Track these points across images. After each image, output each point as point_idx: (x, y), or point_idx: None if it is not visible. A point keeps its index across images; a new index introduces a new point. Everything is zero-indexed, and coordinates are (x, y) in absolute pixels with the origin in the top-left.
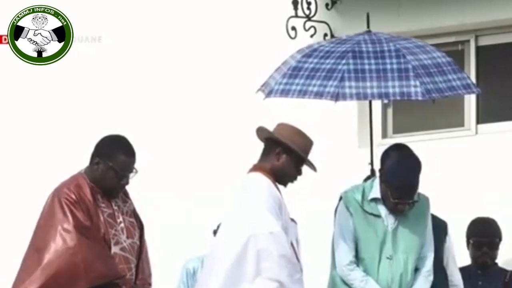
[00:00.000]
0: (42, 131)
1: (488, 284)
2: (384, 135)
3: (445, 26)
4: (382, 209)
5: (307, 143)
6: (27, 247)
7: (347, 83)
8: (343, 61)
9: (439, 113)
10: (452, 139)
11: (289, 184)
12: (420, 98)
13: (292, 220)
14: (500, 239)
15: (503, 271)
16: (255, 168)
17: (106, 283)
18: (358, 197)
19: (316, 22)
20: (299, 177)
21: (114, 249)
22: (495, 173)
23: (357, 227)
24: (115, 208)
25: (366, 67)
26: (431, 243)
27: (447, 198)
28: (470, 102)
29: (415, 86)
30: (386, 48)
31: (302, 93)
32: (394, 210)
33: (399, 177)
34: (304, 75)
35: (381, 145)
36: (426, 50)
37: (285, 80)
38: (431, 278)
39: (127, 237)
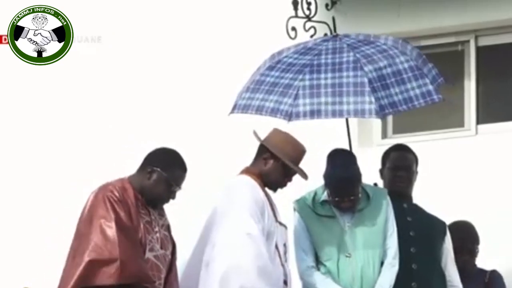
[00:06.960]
0: (42, 131)
1: (470, 285)
2: (384, 135)
3: (445, 26)
4: (335, 209)
5: (298, 152)
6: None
7: (301, 101)
8: (300, 76)
9: (439, 113)
10: (452, 139)
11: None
12: (374, 116)
13: (282, 224)
14: (478, 245)
15: (483, 271)
16: (243, 171)
17: (135, 284)
18: (310, 202)
19: (316, 23)
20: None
21: (148, 255)
22: (495, 173)
23: (312, 232)
24: (153, 218)
25: (322, 82)
26: (392, 235)
27: (446, 198)
28: (470, 102)
29: (370, 102)
30: (345, 59)
31: (260, 110)
32: (341, 209)
33: (332, 175)
34: (264, 89)
35: (381, 145)
36: (389, 55)
37: (247, 95)
38: (395, 268)
39: (161, 248)
